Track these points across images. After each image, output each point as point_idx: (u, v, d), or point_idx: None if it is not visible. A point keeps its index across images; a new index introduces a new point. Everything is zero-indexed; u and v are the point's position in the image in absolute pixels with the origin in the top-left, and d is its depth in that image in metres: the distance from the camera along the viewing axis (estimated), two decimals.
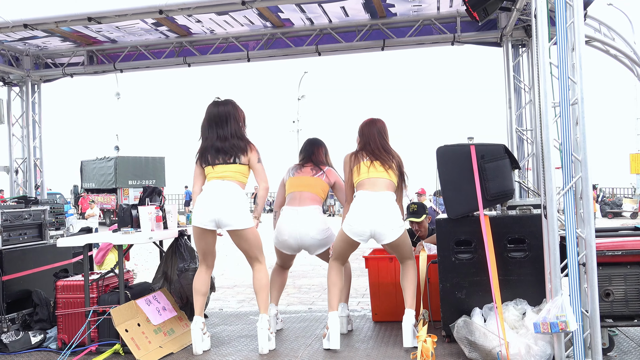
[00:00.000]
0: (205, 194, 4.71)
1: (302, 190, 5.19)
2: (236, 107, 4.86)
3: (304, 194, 5.17)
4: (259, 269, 4.82)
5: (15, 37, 6.59)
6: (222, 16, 6.10)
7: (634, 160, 27.82)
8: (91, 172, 31.09)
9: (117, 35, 6.71)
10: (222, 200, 4.63)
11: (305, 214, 5.10)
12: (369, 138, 4.85)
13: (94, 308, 4.90)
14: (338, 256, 4.84)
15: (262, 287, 4.77)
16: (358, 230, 4.62)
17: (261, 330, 4.65)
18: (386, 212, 4.61)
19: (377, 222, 4.58)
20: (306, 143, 5.55)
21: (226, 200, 4.64)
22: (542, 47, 3.92)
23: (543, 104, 3.92)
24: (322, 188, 5.25)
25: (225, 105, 4.84)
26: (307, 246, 5.15)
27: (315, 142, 5.52)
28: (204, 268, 4.87)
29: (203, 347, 4.77)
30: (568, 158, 3.87)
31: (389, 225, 4.60)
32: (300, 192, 5.18)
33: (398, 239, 4.65)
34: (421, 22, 6.34)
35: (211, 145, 4.74)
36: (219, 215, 4.62)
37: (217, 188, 4.68)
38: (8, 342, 5.02)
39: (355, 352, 4.65)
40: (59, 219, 6.25)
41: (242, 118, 4.89)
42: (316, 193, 5.21)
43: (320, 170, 5.31)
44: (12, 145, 7.52)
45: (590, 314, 3.85)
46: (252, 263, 4.85)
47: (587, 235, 3.86)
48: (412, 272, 4.80)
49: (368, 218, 4.60)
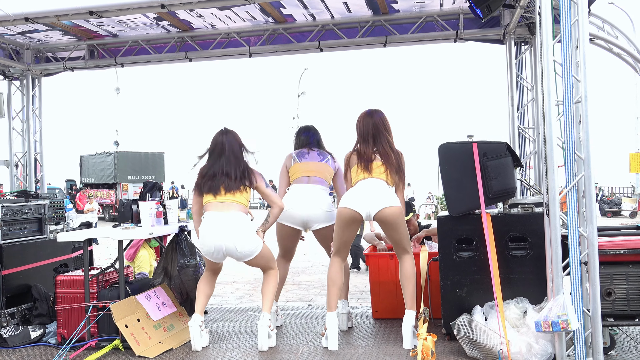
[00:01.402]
0: (209, 226, 4.69)
1: (310, 175, 5.20)
2: (237, 137, 4.89)
3: (312, 178, 5.19)
4: (272, 273, 4.91)
5: (16, 31, 6.56)
6: (224, 11, 6.08)
7: (634, 159, 27.77)
8: (90, 167, 31.04)
9: (119, 30, 6.68)
10: (229, 233, 4.64)
11: (314, 189, 5.16)
12: (367, 133, 4.78)
13: (94, 303, 4.89)
14: (338, 247, 4.76)
15: (270, 290, 4.84)
16: (353, 202, 4.60)
17: (261, 328, 4.64)
18: (380, 191, 4.60)
19: (371, 197, 4.58)
20: (308, 129, 5.51)
21: (233, 232, 4.65)
22: (546, 44, 3.90)
23: (546, 102, 3.90)
24: (329, 173, 5.28)
25: (227, 135, 4.86)
26: (312, 218, 5.14)
27: (315, 128, 5.52)
28: (210, 274, 4.93)
29: (202, 343, 4.76)
30: (571, 156, 3.86)
31: (383, 197, 4.58)
32: (309, 177, 5.19)
33: (394, 214, 4.58)
34: (424, 18, 6.32)
35: (215, 177, 4.74)
36: (229, 250, 4.66)
37: (221, 220, 4.67)
38: (7, 337, 5.01)
39: (356, 349, 4.64)
40: (58, 214, 6.24)
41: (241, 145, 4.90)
42: (324, 178, 5.24)
43: (326, 155, 5.32)
44: (12, 139, 7.50)
45: (591, 313, 3.84)
46: (265, 270, 4.92)
47: (589, 234, 3.85)
48: (411, 269, 4.72)
49: (363, 194, 4.60)
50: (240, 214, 4.70)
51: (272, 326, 4.78)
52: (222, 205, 4.69)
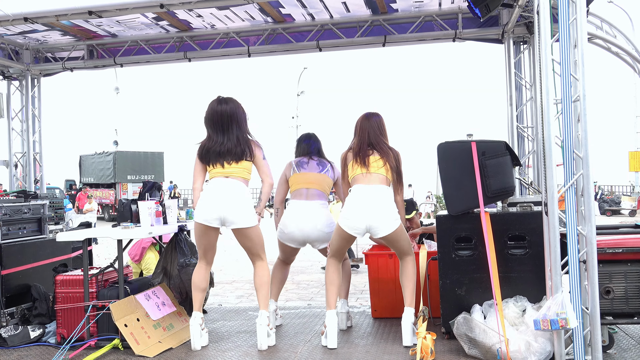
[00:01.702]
0: (209, 191, 4.68)
1: (309, 187, 5.16)
2: (239, 106, 4.81)
3: (311, 191, 5.14)
4: (261, 265, 4.82)
5: (15, 31, 6.57)
6: (223, 11, 6.09)
7: (633, 158, 27.80)
8: (90, 166, 31.05)
9: (118, 30, 6.69)
10: (228, 198, 4.61)
11: (312, 207, 5.10)
12: (366, 133, 4.79)
13: (93, 303, 4.89)
14: (335, 252, 4.82)
15: (263, 284, 4.76)
16: (353, 224, 4.60)
17: (260, 327, 4.64)
18: (380, 206, 4.59)
19: (371, 215, 4.57)
20: (309, 137, 5.47)
21: (232, 198, 4.62)
22: (544, 43, 3.90)
23: (545, 101, 3.91)
24: (327, 184, 5.24)
25: (228, 104, 4.77)
26: (313, 239, 5.14)
27: (316, 136, 5.48)
28: (204, 264, 4.85)
29: (201, 342, 4.77)
30: (569, 155, 3.87)
31: (383, 218, 4.58)
32: (307, 190, 5.15)
33: (393, 233, 4.62)
34: (422, 18, 6.33)
35: (217, 149, 4.68)
36: (225, 213, 4.60)
37: (222, 185, 4.65)
38: (7, 337, 5.01)
39: (355, 348, 4.64)
40: (58, 214, 6.25)
41: (245, 117, 4.83)
42: (322, 190, 5.19)
43: (326, 164, 5.28)
44: (11, 139, 7.52)
45: (590, 312, 3.84)
46: (254, 260, 4.85)
47: (587, 233, 3.85)
48: (412, 269, 4.76)
49: (363, 212, 4.58)
50: (241, 184, 4.69)
51: (271, 325, 4.78)
52: (225, 179, 4.66)
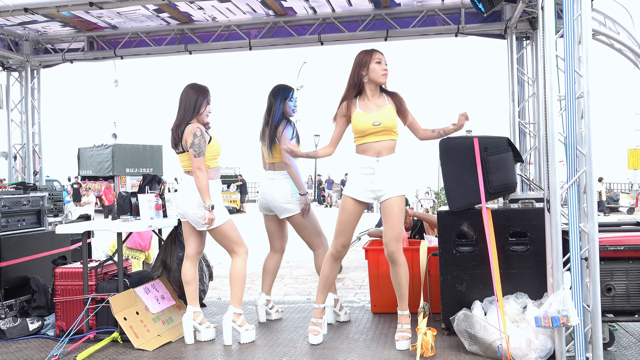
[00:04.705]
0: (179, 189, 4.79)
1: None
2: (187, 92, 4.67)
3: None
4: (236, 260, 4.76)
5: (15, 22, 6.53)
6: (224, 3, 6.05)
7: (632, 155, 27.84)
8: (89, 159, 31.02)
9: (118, 22, 6.65)
10: (184, 199, 4.69)
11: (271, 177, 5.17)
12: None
13: (93, 295, 4.88)
14: (338, 233, 4.54)
15: (235, 279, 4.71)
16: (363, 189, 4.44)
17: (224, 322, 4.67)
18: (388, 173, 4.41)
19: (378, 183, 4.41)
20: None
21: (187, 199, 4.68)
22: (548, 39, 3.88)
23: (549, 97, 3.89)
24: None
25: (184, 89, 4.73)
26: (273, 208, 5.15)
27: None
28: (193, 258, 4.86)
29: (206, 336, 4.77)
30: (572, 152, 3.85)
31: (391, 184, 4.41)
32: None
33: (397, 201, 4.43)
34: (425, 12, 6.30)
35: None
36: (187, 216, 4.72)
37: (182, 183, 4.76)
38: (6, 329, 5.00)
39: (355, 343, 4.64)
40: (57, 206, 6.23)
41: (194, 102, 4.63)
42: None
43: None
44: (10, 130, 7.48)
45: (591, 309, 3.84)
46: (230, 255, 4.82)
47: (590, 230, 3.84)
48: (404, 273, 4.50)
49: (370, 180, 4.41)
50: (189, 178, 4.69)
51: (242, 324, 4.72)
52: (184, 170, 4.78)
